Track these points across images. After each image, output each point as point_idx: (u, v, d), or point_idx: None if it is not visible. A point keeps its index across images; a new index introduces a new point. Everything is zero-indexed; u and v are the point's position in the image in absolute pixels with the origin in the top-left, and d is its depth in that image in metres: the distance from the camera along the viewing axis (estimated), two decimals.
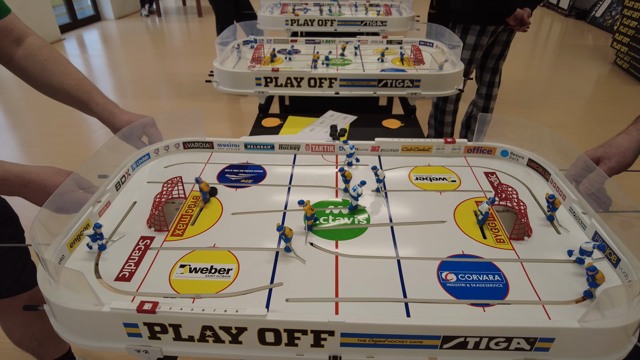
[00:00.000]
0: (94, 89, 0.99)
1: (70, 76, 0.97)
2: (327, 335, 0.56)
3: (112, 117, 0.98)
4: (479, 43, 2.18)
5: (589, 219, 0.76)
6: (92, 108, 0.98)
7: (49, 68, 0.96)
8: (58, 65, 0.97)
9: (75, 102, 0.98)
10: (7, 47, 0.94)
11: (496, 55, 2.32)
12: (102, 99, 0.99)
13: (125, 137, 0.95)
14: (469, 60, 2.22)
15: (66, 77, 0.97)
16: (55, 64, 0.97)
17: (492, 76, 2.40)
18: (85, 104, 0.98)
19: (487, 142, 1.01)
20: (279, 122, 1.41)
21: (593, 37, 5.81)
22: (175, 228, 0.78)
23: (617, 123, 3.29)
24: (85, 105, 0.98)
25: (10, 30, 0.93)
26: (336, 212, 0.82)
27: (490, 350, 0.57)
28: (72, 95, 0.97)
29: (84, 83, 0.98)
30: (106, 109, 0.98)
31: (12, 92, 3.95)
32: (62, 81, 0.96)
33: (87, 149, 2.98)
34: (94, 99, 0.98)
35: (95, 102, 0.98)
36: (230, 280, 0.65)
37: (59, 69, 0.97)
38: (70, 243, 0.70)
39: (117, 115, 0.98)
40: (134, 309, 0.56)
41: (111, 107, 0.99)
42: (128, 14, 7.15)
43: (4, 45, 0.93)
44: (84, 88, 0.97)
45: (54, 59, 0.97)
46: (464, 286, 0.65)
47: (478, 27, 2.13)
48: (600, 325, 0.54)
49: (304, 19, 2.12)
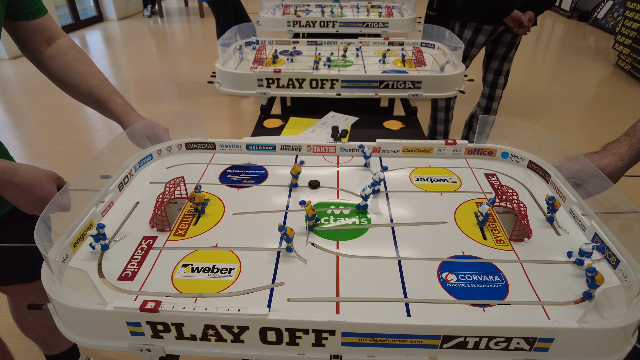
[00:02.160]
0: (114, 91, 1.03)
1: (94, 77, 1.01)
2: (328, 335, 0.57)
3: (129, 119, 1.01)
4: (475, 40, 2.24)
5: (588, 221, 0.76)
6: (111, 108, 1.02)
7: (75, 67, 1.00)
8: (83, 66, 1.01)
9: (96, 102, 1.02)
10: (38, 45, 0.98)
11: (500, 56, 2.35)
12: (121, 100, 1.03)
13: (134, 136, 0.98)
14: (464, 55, 2.20)
15: (90, 77, 1.01)
16: (81, 64, 1.01)
17: (496, 77, 2.42)
18: (104, 104, 1.02)
19: (488, 144, 1.01)
20: (280, 123, 1.42)
21: (595, 38, 5.81)
22: (178, 228, 0.78)
23: (619, 125, 3.29)
24: (104, 105, 1.02)
25: (44, 30, 0.98)
26: (337, 212, 0.83)
27: (490, 350, 0.57)
28: (94, 95, 1.01)
29: (106, 85, 1.03)
30: (124, 109, 1.02)
31: (15, 92, 3.97)
32: (86, 81, 1.00)
33: (89, 149, 2.99)
34: (113, 100, 1.02)
35: (115, 102, 1.02)
36: (232, 280, 0.66)
37: (83, 69, 1.01)
38: (74, 243, 0.71)
39: (132, 119, 1.01)
40: (137, 308, 0.56)
41: (128, 109, 1.03)
42: (130, 14, 7.17)
43: (35, 42, 0.98)
44: (105, 89, 1.02)
45: (79, 60, 1.02)
46: (464, 286, 0.65)
47: (474, 24, 2.20)
48: (599, 325, 0.55)
49: (305, 20, 2.13)
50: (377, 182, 0.84)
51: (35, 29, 0.96)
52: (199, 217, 0.81)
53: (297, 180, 0.90)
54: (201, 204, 0.81)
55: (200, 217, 0.81)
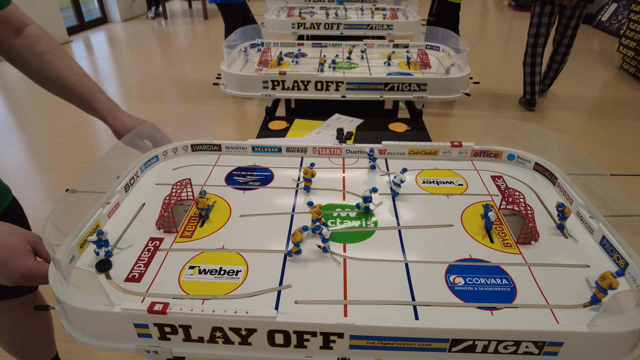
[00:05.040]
0: (95, 86, 0.96)
1: (71, 70, 0.93)
2: (337, 338, 0.56)
3: (114, 118, 0.96)
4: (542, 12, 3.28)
5: (596, 223, 0.76)
6: (95, 106, 0.95)
7: (48, 59, 0.91)
8: (58, 58, 0.92)
9: (76, 98, 0.95)
10: (7, 37, 0.90)
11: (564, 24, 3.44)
12: (104, 98, 0.96)
13: (130, 142, 0.94)
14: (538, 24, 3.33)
15: (67, 71, 0.93)
16: (55, 56, 0.92)
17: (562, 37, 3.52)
18: (87, 101, 0.94)
19: (494, 146, 1.01)
20: (285, 125, 1.42)
21: (599, 41, 5.79)
22: (184, 230, 0.78)
23: (624, 128, 3.28)
24: (87, 102, 0.95)
25: (10, 20, 0.89)
26: (344, 215, 0.83)
27: (498, 354, 0.57)
28: (74, 91, 0.93)
29: (86, 80, 0.95)
30: (109, 108, 0.96)
31: (19, 93, 3.99)
32: (63, 75, 0.92)
33: (94, 150, 3.00)
34: (96, 97, 0.95)
35: (98, 99, 0.95)
36: (239, 282, 0.66)
37: (58, 62, 0.92)
38: (80, 244, 0.71)
39: (119, 117, 0.96)
40: (145, 310, 0.56)
41: (113, 107, 0.97)
42: (135, 16, 7.20)
43: (3, 34, 0.89)
44: (86, 85, 0.94)
45: (53, 51, 0.92)
46: (472, 289, 0.65)
47: None
48: (609, 329, 0.54)
49: (310, 23, 2.13)
50: (398, 184, 0.85)
51: (1, 20, 0.87)
52: (204, 222, 0.81)
53: (311, 183, 0.89)
54: (205, 210, 0.81)
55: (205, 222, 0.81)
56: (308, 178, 0.88)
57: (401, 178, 0.85)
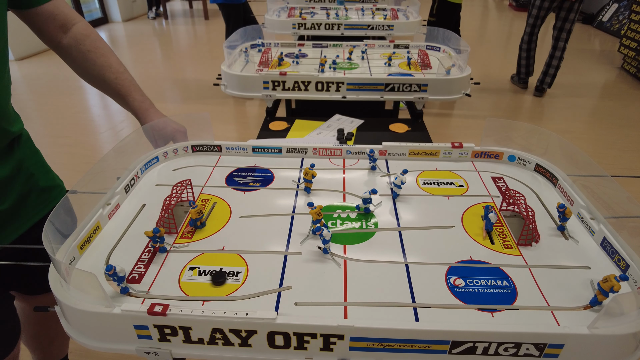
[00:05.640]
0: (132, 84, 1.01)
1: (111, 69, 0.99)
2: (337, 339, 0.56)
3: (146, 116, 1.00)
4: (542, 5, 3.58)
5: (597, 225, 0.76)
6: (129, 103, 1.00)
7: (91, 58, 0.98)
8: (99, 57, 0.98)
9: (114, 94, 1.01)
10: (53, 33, 0.95)
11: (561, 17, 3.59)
12: (139, 95, 1.01)
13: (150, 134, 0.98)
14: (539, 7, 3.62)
15: (107, 69, 0.99)
16: (97, 54, 0.98)
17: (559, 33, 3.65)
18: (122, 97, 1.00)
19: (494, 147, 1.01)
20: (286, 125, 1.42)
21: (600, 41, 5.79)
22: (185, 231, 0.78)
23: (625, 128, 3.28)
24: (122, 99, 1.01)
25: (55, 15, 0.93)
26: (344, 216, 0.83)
27: (499, 356, 0.57)
28: (112, 89, 1.00)
29: (124, 77, 1.00)
30: (141, 106, 1.01)
31: (20, 93, 3.99)
32: (103, 73, 0.98)
33: (95, 150, 3.00)
34: (131, 94, 1.00)
35: (133, 97, 1.00)
36: (239, 284, 0.66)
37: (99, 60, 0.98)
38: (81, 245, 0.71)
39: (149, 116, 1.00)
40: (145, 311, 0.56)
41: (146, 105, 1.01)
42: (135, 16, 7.20)
43: (49, 30, 0.94)
44: (122, 83, 1.00)
45: (95, 50, 0.98)
46: (472, 291, 0.65)
47: None
48: (609, 331, 0.54)
49: (310, 23, 2.13)
50: (399, 186, 0.85)
51: (46, 16, 0.92)
52: (202, 226, 0.79)
53: (312, 184, 0.89)
54: (198, 219, 0.78)
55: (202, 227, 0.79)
56: (308, 179, 0.88)
57: (402, 179, 0.85)
